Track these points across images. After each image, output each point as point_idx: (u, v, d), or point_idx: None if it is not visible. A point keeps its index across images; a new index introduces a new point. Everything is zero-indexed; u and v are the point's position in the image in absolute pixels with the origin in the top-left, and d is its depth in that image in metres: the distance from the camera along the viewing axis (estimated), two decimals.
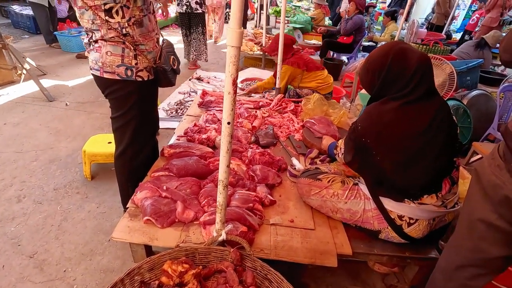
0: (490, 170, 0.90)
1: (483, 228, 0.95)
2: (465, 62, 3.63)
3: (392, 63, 1.15)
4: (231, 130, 0.93)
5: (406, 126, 1.13)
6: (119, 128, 1.48)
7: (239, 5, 0.77)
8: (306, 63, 2.82)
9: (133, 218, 1.32)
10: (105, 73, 1.32)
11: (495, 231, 0.93)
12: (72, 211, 1.89)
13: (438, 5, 6.58)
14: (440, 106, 1.16)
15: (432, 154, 1.14)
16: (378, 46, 1.25)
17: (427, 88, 1.14)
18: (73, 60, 4.67)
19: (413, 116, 1.13)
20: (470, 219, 1.01)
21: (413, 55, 1.14)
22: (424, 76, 1.14)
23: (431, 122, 1.12)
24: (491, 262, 0.99)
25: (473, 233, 1.00)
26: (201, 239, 1.24)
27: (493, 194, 0.89)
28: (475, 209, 0.98)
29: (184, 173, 1.54)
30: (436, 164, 1.15)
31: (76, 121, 2.96)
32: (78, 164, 2.32)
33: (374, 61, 1.21)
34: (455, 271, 1.08)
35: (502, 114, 2.71)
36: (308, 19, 6.17)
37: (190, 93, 3.73)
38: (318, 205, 1.41)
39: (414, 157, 1.14)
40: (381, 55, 1.19)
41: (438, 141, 1.13)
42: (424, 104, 1.14)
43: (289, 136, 2.14)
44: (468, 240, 1.02)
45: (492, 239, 0.95)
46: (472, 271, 1.04)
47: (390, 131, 1.14)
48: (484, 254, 0.98)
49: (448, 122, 1.17)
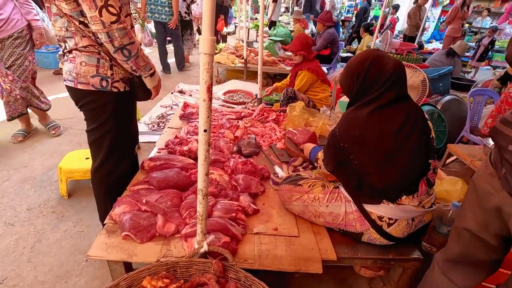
0: (485, 178, 0.91)
1: (468, 237, 0.99)
2: (436, 70, 3.83)
3: (369, 68, 1.20)
4: (208, 137, 0.93)
5: (380, 129, 1.17)
6: (95, 141, 1.44)
7: (210, 15, 0.79)
8: (323, 74, 2.90)
9: (111, 234, 1.26)
10: (79, 84, 1.28)
11: (480, 241, 0.96)
12: (46, 232, 1.80)
13: (409, 18, 6.97)
14: (411, 109, 1.21)
15: (407, 155, 1.17)
16: (356, 54, 1.31)
17: (398, 92, 1.19)
18: (50, 77, 4.56)
19: (385, 119, 1.17)
20: (459, 226, 1.05)
21: (389, 61, 1.20)
22: (397, 81, 1.19)
23: (403, 124, 1.16)
24: (481, 263, 1.03)
25: (461, 240, 1.04)
26: (183, 253, 1.20)
27: (486, 202, 0.90)
28: (463, 218, 1.02)
29: (164, 185, 1.51)
30: (411, 165, 1.19)
31: (53, 138, 2.86)
32: (54, 182, 2.22)
33: (354, 66, 1.27)
34: (451, 266, 1.13)
35: (473, 117, 2.85)
36: (287, 32, 6.34)
37: (172, 106, 3.70)
38: (300, 211, 1.41)
39: (390, 158, 1.17)
40: (360, 60, 1.24)
41: (410, 142, 1.17)
42: (396, 108, 1.19)
43: (271, 145, 2.15)
44: (457, 245, 1.07)
45: (476, 247, 0.99)
46: (466, 269, 1.08)
47: (365, 135, 1.18)
48: (473, 257, 1.02)
49: (421, 125, 1.22)
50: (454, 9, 6.73)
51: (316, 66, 2.86)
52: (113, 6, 1.09)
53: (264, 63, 4.52)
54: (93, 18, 1.09)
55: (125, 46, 1.18)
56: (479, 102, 2.83)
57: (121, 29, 1.14)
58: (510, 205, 0.81)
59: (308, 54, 2.84)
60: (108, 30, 1.12)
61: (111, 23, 1.10)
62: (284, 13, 13.23)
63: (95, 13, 1.08)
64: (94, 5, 1.07)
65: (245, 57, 4.61)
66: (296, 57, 2.87)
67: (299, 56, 2.85)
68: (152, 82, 1.40)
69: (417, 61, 4.38)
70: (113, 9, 1.10)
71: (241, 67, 4.76)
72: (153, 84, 1.41)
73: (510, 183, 0.77)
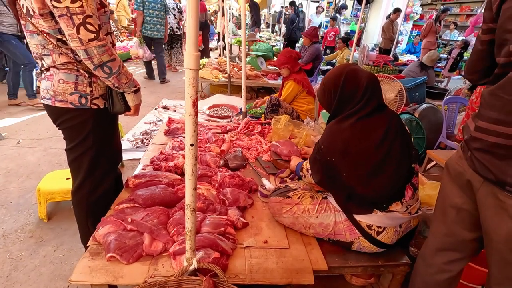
0: (455, 161, 1.05)
1: (454, 213, 1.08)
2: (412, 80, 4.02)
3: (345, 83, 1.25)
4: (195, 151, 0.92)
5: (364, 140, 1.20)
6: (75, 160, 1.39)
7: (194, 31, 0.80)
8: (309, 86, 2.99)
9: (94, 256, 1.21)
10: (56, 102, 1.25)
11: (464, 215, 1.05)
12: (24, 258, 1.69)
13: (384, 32, 7.34)
14: (391, 117, 1.25)
15: (393, 163, 1.21)
16: (330, 70, 1.36)
17: (377, 103, 1.24)
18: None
19: (368, 129, 1.21)
20: (443, 206, 1.13)
21: (363, 75, 1.25)
22: (373, 92, 1.24)
23: (386, 132, 1.20)
24: (465, 244, 1.10)
25: (446, 218, 1.11)
26: (171, 272, 1.16)
27: (458, 180, 1.03)
28: (446, 197, 1.11)
29: (150, 202, 1.47)
30: (398, 172, 1.22)
31: (31, 159, 2.74)
32: (32, 205, 2.12)
33: (329, 82, 1.31)
34: (434, 256, 1.18)
35: (449, 123, 2.99)
36: (269, 47, 6.50)
37: (156, 122, 3.66)
38: (291, 223, 1.41)
39: (378, 168, 1.20)
40: (335, 76, 1.29)
41: (395, 149, 1.21)
42: (377, 118, 1.23)
43: (257, 158, 2.16)
44: (443, 225, 1.13)
45: (462, 222, 1.06)
46: (449, 255, 1.14)
47: (351, 147, 1.21)
48: (457, 237, 1.10)
49: (401, 131, 1.27)
50: (429, 24, 7.29)
51: (302, 78, 2.96)
52: (91, 24, 1.09)
53: (248, 77, 4.62)
54: (71, 35, 1.09)
55: (105, 63, 1.17)
56: (453, 109, 2.98)
57: (100, 46, 1.13)
58: (476, 180, 0.94)
59: (293, 66, 2.95)
60: (86, 48, 1.11)
61: (89, 41, 1.10)
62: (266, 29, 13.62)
63: (73, 31, 1.07)
64: (71, 22, 1.06)
65: (228, 71, 4.67)
66: (283, 70, 3.00)
67: (285, 70, 2.98)
68: (135, 100, 1.38)
69: (394, 72, 4.58)
70: (91, 27, 1.09)
71: (224, 82, 4.81)
72: (136, 102, 1.39)
73: (474, 163, 0.93)
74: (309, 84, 3.01)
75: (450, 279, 1.15)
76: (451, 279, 1.15)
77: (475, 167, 0.93)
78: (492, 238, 0.93)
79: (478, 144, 0.91)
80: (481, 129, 0.90)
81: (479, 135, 0.90)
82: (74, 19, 1.06)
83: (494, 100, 0.86)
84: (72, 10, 1.05)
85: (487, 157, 0.88)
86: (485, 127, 0.88)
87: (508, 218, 0.86)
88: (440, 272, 1.16)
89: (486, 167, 0.88)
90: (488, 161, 0.88)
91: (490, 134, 0.87)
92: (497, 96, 0.85)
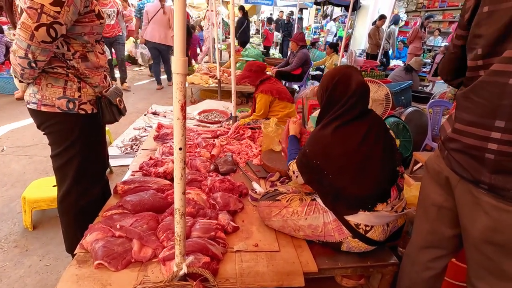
0: (433, 160, 1.09)
1: (435, 211, 1.11)
2: (398, 84, 4.12)
3: (337, 84, 1.29)
4: (183, 155, 0.93)
5: (345, 143, 1.24)
6: (61, 167, 1.37)
7: (181, 36, 0.82)
8: (279, 92, 2.88)
9: (82, 264, 1.19)
10: (43, 106, 1.23)
11: (444, 212, 1.08)
12: (8, 269, 1.64)
13: (370, 37, 7.52)
14: (373, 121, 1.29)
15: (377, 165, 1.24)
16: (331, 68, 1.41)
17: (361, 110, 1.29)
18: (13, 103, 4.31)
19: (348, 134, 1.25)
20: (425, 205, 1.16)
21: (355, 81, 1.28)
22: (360, 98, 1.28)
23: (365, 136, 1.24)
24: (447, 241, 1.13)
25: (428, 217, 1.14)
26: (161, 277, 1.15)
27: (438, 179, 1.07)
28: (427, 196, 1.14)
29: (140, 208, 1.45)
30: (383, 173, 1.26)
31: (15, 167, 2.67)
32: (17, 214, 2.06)
33: (325, 80, 1.36)
34: (418, 254, 1.21)
35: (434, 126, 3.07)
36: (259, 53, 6.57)
37: (146, 128, 3.63)
38: (280, 226, 1.41)
39: (362, 170, 1.24)
40: (331, 75, 1.34)
41: (376, 152, 1.25)
42: (359, 123, 1.27)
43: (247, 162, 2.17)
44: (425, 223, 1.16)
45: (443, 220, 1.09)
46: (433, 253, 1.16)
47: (333, 151, 1.25)
48: (439, 234, 1.12)
49: (383, 135, 1.30)
50: (415, 30, 7.57)
51: (268, 87, 2.85)
52: (55, 30, 1.07)
53: (237, 82, 4.62)
54: (25, 25, 1.03)
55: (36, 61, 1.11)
56: (438, 113, 3.07)
57: (47, 50, 1.11)
58: (453, 178, 0.99)
59: (253, 80, 2.87)
60: (33, 44, 1.06)
61: (42, 42, 1.07)
62: (255, 35, 13.76)
63: (31, 24, 1.03)
64: (36, 18, 1.02)
65: (218, 77, 4.68)
66: (248, 85, 2.93)
67: (249, 84, 2.91)
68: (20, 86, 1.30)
69: (380, 76, 4.69)
70: (53, 32, 1.07)
71: (214, 87, 4.82)
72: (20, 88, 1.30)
73: (451, 162, 0.97)
74: (278, 89, 2.89)
75: (435, 276, 1.18)
76: (436, 276, 1.18)
77: (452, 166, 0.97)
78: (469, 233, 0.97)
79: (454, 144, 0.95)
80: (457, 131, 0.94)
81: (455, 136, 0.94)
82: (41, 17, 1.03)
83: (467, 103, 0.90)
84: (45, 10, 1.03)
85: (462, 157, 0.92)
86: (461, 129, 0.92)
87: (483, 214, 0.89)
88: (425, 269, 1.19)
89: (462, 166, 0.92)
90: (464, 160, 0.92)
91: (464, 135, 0.91)
92: (469, 98, 0.89)
